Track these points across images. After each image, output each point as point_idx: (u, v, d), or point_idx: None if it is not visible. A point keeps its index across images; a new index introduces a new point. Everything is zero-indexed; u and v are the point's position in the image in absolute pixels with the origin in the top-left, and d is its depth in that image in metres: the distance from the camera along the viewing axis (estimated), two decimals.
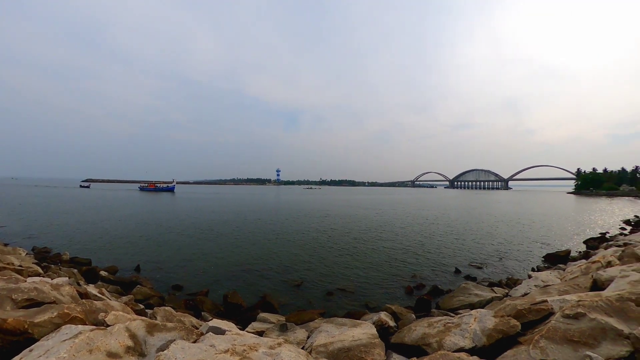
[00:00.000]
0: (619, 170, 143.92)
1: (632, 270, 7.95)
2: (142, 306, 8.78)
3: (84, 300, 6.71)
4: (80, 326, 4.23)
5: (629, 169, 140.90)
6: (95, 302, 6.24)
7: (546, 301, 5.91)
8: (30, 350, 3.80)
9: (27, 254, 14.51)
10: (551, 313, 5.45)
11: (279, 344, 3.87)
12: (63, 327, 4.40)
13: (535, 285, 10.11)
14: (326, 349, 4.96)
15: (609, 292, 5.88)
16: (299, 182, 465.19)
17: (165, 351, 3.42)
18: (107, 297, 8.65)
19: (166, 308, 7.71)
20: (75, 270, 12.38)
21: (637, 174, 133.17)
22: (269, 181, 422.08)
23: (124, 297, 9.49)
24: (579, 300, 5.37)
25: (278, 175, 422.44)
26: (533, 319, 5.52)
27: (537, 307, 5.69)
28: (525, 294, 8.89)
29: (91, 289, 9.02)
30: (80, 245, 18.54)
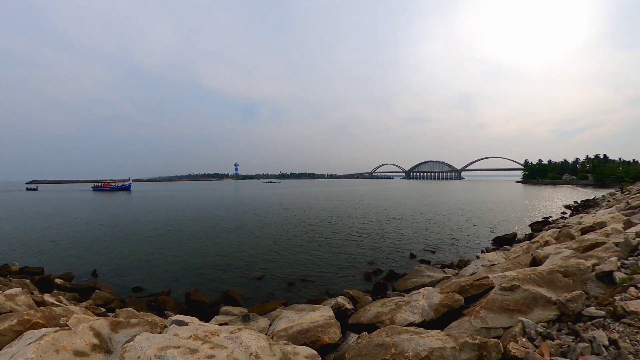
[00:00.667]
0: (561, 162, 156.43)
1: (565, 247, 9.08)
2: (103, 309, 8.72)
3: (42, 307, 6.61)
4: (44, 329, 4.30)
5: (570, 160, 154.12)
6: (54, 308, 6.18)
7: (487, 277, 6.68)
8: None
9: None
10: (491, 287, 6.13)
11: (239, 329, 4.22)
12: (25, 333, 4.40)
13: (482, 265, 11.07)
14: (286, 332, 5.37)
15: (542, 267, 6.73)
16: (259, 176, 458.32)
17: (131, 342, 3.63)
18: (66, 304, 8.48)
19: (128, 309, 7.72)
20: (28, 281, 11.82)
21: (578, 165, 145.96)
22: (226, 176, 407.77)
23: (83, 303, 9.34)
24: (516, 276, 6.12)
25: (236, 169, 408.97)
26: (475, 294, 6.22)
27: (478, 283, 6.41)
28: (473, 273, 9.69)
29: (48, 297, 8.80)
30: (30, 254, 17.49)
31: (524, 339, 3.76)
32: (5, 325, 4.71)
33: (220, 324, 6.84)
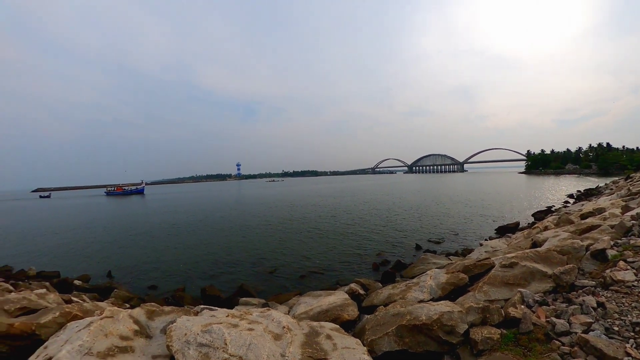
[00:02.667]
0: (564, 151, 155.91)
1: (563, 231, 9.51)
2: (127, 305, 9.15)
3: (73, 304, 7.01)
4: (89, 318, 4.69)
5: (573, 149, 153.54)
6: (84, 304, 6.58)
7: (489, 258, 7.15)
8: (45, 347, 4.18)
9: None
10: (493, 266, 6.60)
11: (268, 309, 4.67)
12: (68, 324, 4.78)
13: (485, 252, 11.46)
14: (307, 314, 5.83)
15: (541, 248, 7.19)
16: (261, 175, 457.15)
17: (174, 323, 4.06)
18: (90, 302, 8.91)
19: (152, 304, 8.19)
20: (47, 283, 12.21)
21: (580, 154, 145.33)
22: (229, 176, 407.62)
23: (105, 301, 9.75)
24: (515, 255, 6.61)
25: (239, 169, 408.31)
26: (478, 272, 6.68)
27: (481, 263, 6.88)
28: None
29: (73, 297, 9.23)
30: (46, 258, 17.96)
31: (522, 306, 4.23)
32: (48, 317, 5.10)
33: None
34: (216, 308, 5.47)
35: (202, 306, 5.88)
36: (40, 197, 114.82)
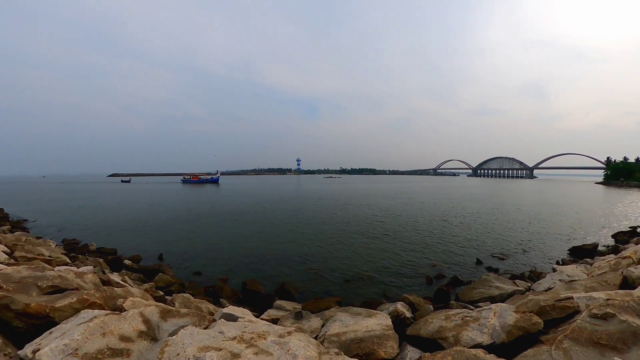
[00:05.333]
0: None
1: None
2: (161, 293, 9.01)
3: (105, 287, 6.90)
4: (96, 311, 4.35)
5: None
6: (116, 288, 6.39)
7: (572, 298, 5.58)
8: (50, 332, 3.96)
9: (56, 245, 15.18)
10: (577, 311, 5.13)
11: (289, 333, 3.82)
12: (82, 311, 4.53)
13: (559, 280, 9.68)
14: (339, 338, 4.88)
15: None
16: (319, 171, 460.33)
17: (174, 337, 3.44)
18: (129, 285, 8.92)
19: (185, 295, 7.91)
20: (101, 260, 12.85)
21: None
22: (289, 170, 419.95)
23: (145, 285, 9.77)
24: (608, 299, 4.98)
25: (298, 164, 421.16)
26: (557, 317, 5.19)
27: (561, 304, 5.37)
28: (549, 289, 8.50)
29: (114, 276, 9.34)
30: (108, 236, 19.31)
31: None
32: (65, 302, 4.88)
33: (272, 319, 6.61)
34: (238, 315, 4.84)
35: (224, 310, 5.26)
36: (122, 181, 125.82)
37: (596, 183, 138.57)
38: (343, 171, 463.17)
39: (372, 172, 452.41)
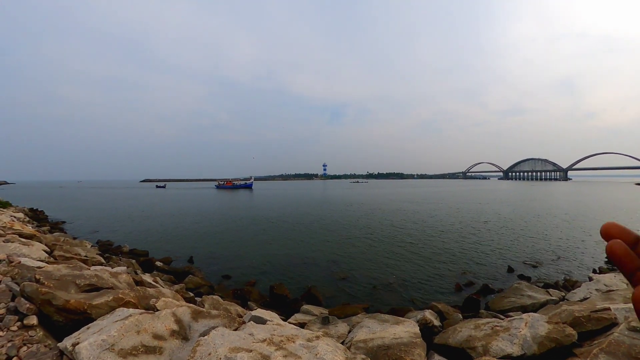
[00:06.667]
0: None
1: None
2: (192, 294, 9.23)
3: (138, 287, 7.16)
4: (131, 309, 4.51)
5: None
6: (149, 289, 6.62)
7: (609, 309, 5.30)
8: (88, 328, 4.15)
9: (92, 246, 15.92)
10: (614, 324, 4.92)
11: (317, 337, 3.82)
12: (117, 309, 4.74)
13: (596, 290, 9.22)
14: (366, 344, 4.83)
15: None
16: (346, 176, 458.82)
17: (205, 337, 3.52)
18: (161, 285, 9.23)
19: (214, 297, 8.08)
20: (134, 261, 13.34)
21: None
22: (316, 176, 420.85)
23: (176, 286, 10.06)
24: None
25: (325, 169, 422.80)
26: (592, 329, 4.99)
27: (597, 316, 5.11)
28: (585, 299, 8.14)
29: (146, 277, 9.68)
30: (141, 239, 20.09)
31: None
32: (102, 300, 5.11)
33: (299, 323, 6.63)
34: (267, 318, 4.90)
35: (253, 312, 5.34)
36: (157, 187, 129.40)
37: (636, 184, 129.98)
38: (370, 176, 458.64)
39: (400, 176, 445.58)
